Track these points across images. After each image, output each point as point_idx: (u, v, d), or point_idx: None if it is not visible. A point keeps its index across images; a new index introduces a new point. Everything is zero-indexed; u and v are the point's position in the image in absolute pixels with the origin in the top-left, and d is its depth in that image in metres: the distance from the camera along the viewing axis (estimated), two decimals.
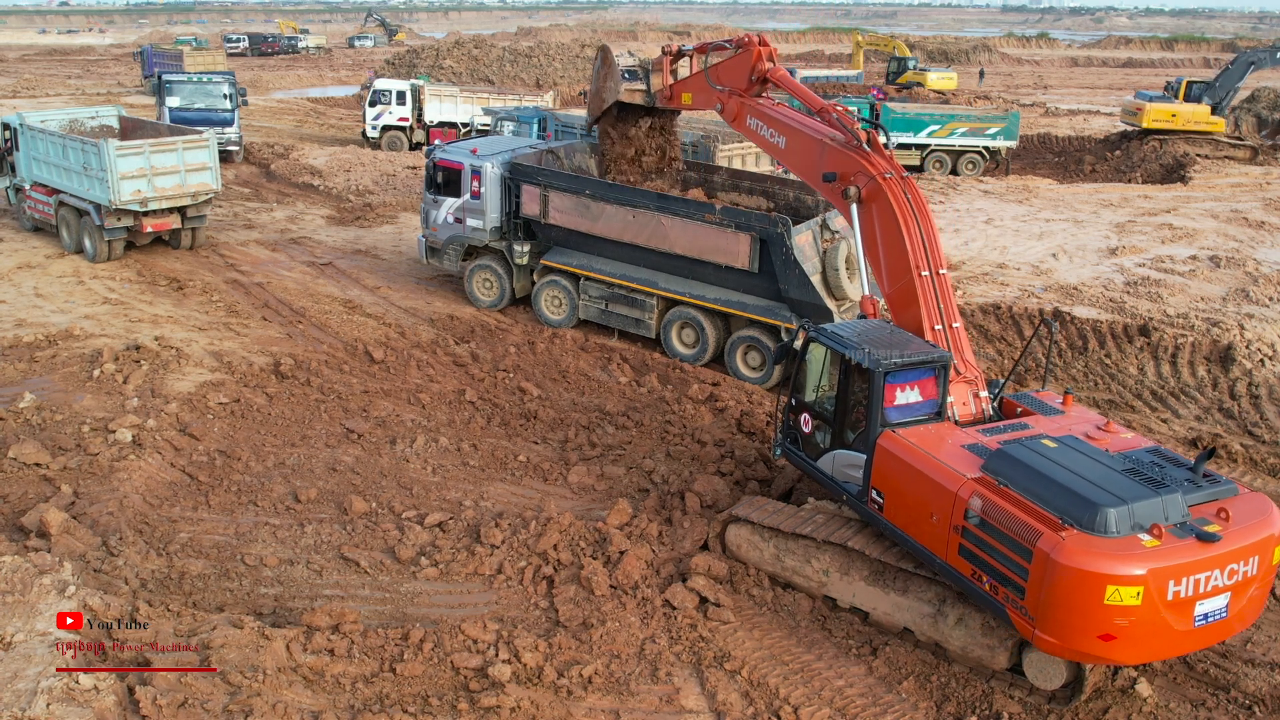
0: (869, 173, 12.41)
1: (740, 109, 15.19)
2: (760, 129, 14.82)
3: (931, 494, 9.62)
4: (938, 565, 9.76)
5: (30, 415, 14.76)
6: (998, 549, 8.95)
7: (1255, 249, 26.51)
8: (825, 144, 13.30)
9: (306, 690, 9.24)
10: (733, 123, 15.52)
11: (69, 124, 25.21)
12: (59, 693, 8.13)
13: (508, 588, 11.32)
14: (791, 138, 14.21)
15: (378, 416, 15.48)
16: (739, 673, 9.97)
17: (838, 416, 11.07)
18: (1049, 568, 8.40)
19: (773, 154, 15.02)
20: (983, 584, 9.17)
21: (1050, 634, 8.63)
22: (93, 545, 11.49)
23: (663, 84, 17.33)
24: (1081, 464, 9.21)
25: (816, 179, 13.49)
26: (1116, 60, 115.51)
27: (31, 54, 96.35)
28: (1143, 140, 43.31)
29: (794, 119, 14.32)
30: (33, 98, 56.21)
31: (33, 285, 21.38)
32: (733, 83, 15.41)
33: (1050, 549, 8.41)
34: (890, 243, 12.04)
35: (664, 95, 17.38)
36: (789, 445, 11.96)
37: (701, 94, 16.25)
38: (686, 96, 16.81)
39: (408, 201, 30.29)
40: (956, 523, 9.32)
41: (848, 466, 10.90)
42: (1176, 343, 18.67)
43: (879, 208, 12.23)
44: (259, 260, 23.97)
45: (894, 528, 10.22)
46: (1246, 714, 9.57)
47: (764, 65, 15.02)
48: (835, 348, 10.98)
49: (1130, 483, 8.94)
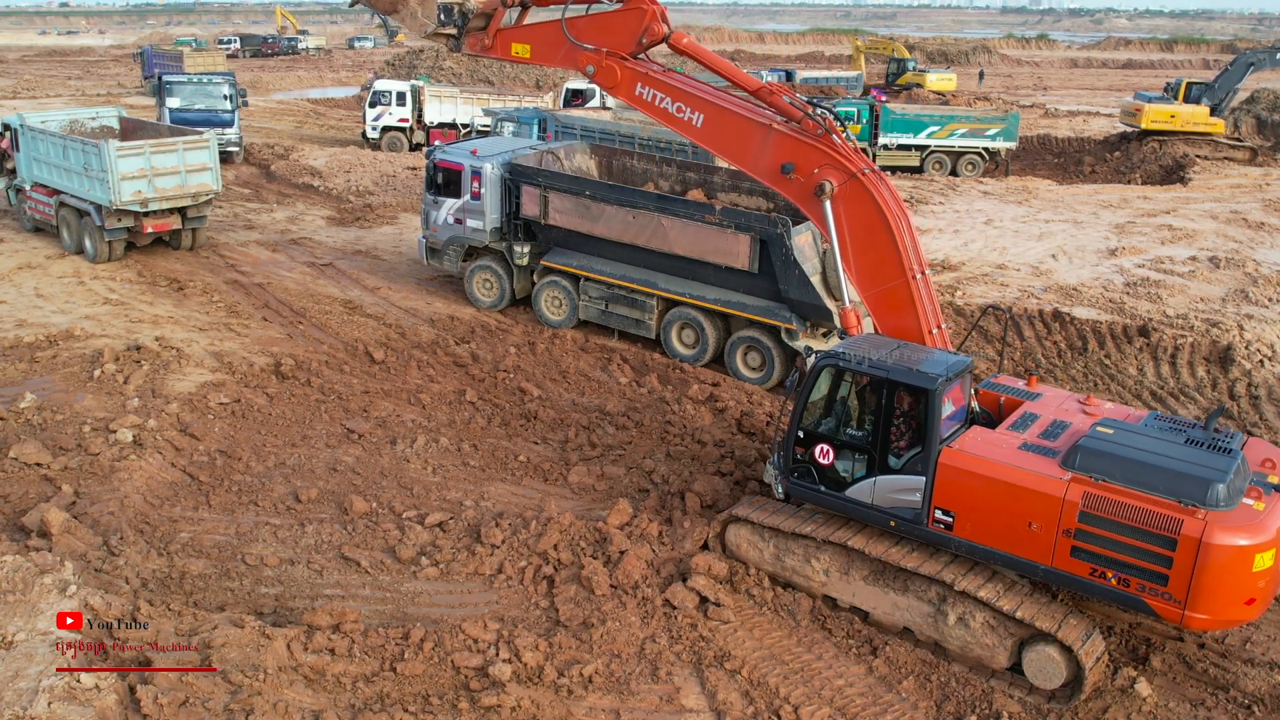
0: (844, 168, 11.62)
1: (628, 74, 13.27)
2: (660, 101, 13.07)
3: (1028, 503, 9.37)
4: (1041, 572, 9.56)
5: (31, 415, 14.77)
6: (1126, 543, 9.00)
7: (1255, 250, 26.52)
8: (771, 129, 12.13)
9: (307, 690, 9.26)
10: (612, 89, 13.57)
11: (69, 125, 25.22)
12: (60, 692, 8.14)
13: (508, 587, 11.33)
14: (715, 116, 12.69)
15: (378, 417, 15.49)
16: (739, 672, 9.99)
17: (877, 442, 10.44)
18: (1201, 550, 8.60)
19: (681, 131, 13.23)
20: (1107, 581, 9.18)
21: (1203, 611, 8.83)
22: (94, 545, 11.50)
23: (490, 31, 14.53)
24: (1154, 445, 9.46)
25: (761, 168, 12.38)
26: (1116, 61, 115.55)
27: (31, 55, 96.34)
28: (1142, 141, 43.35)
29: (716, 95, 12.93)
30: (33, 98, 56.21)
31: (33, 286, 21.39)
32: (609, 42, 13.30)
33: (1198, 532, 8.62)
34: (876, 244, 11.51)
35: (481, 42, 14.66)
36: (798, 482, 11.06)
37: (551, 49, 13.98)
38: (521, 48, 14.38)
39: (408, 202, 30.30)
40: (1067, 526, 9.20)
41: (897, 492, 10.32)
42: (1176, 343, 18.68)
43: (859, 207, 11.55)
44: (259, 261, 23.99)
45: (971, 544, 9.86)
46: (1245, 713, 9.59)
47: (659, 28, 12.88)
48: (872, 372, 10.34)
49: (1204, 454, 9.31)
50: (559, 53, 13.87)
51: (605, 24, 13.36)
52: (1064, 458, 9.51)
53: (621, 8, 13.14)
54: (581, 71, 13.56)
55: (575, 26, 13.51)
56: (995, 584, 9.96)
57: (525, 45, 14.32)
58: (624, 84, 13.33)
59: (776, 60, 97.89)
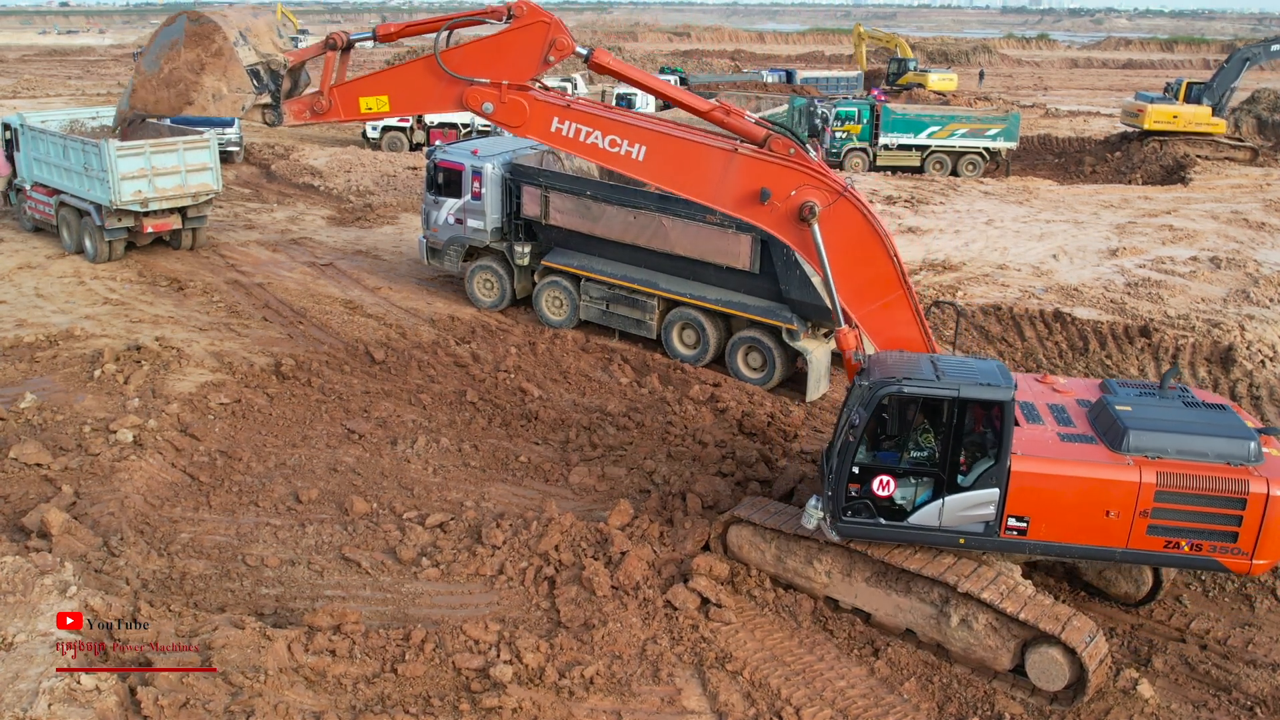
0: (828, 186, 10.71)
1: (540, 109, 11.26)
2: (587, 136, 11.23)
3: (1105, 493, 9.66)
4: (1119, 556, 9.92)
5: (31, 415, 14.75)
6: (1200, 512, 9.58)
7: (1255, 250, 26.50)
8: (735, 153, 10.85)
9: (308, 691, 9.24)
10: (519, 128, 11.54)
11: (69, 124, 25.19)
12: (60, 693, 8.12)
13: (509, 588, 11.31)
14: (661, 146, 11.08)
15: (379, 417, 15.47)
16: (741, 674, 9.97)
17: (945, 463, 10.03)
18: (1270, 503, 9.39)
19: (618, 168, 11.44)
20: (1181, 550, 9.76)
21: (1267, 556, 9.66)
22: (94, 545, 11.49)
23: (323, 88, 12.10)
24: (1175, 414, 10.18)
25: (726, 198, 11.05)
26: (1116, 61, 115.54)
27: (31, 54, 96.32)
28: (1143, 141, 43.33)
29: (657, 122, 11.50)
30: (33, 98, 56.21)
31: (33, 285, 21.37)
32: (505, 71, 11.28)
33: (1263, 488, 9.40)
34: (872, 260, 10.86)
35: (313, 106, 12.19)
36: (853, 521, 10.25)
37: (421, 93, 11.80)
38: (375, 101, 11.98)
39: (408, 202, 30.29)
40: (1144, 508, 9.63)
41: (969, 509, 9.96)
42: (1177, 344, 18.66)
43: (850, 224, 10.76)
44: (260, 261, 23.97)
45: (1047, 544, 9.94)
46: (1248, 715, 9.58)
47: (566, 40, 11.11)
48: (940, 392, 9.81)
49: (1210, 413, 10.23)
50: (432, 95, 11.69)
51: (497, 48, 11.35)
52: (1111, 443, 9.84)
53: (515, 25, 11.19)
54: (474, 111, 11.50)
55: (452, 59, 11.47)
56: (998, 586, 9.94)
57: (380, 97, 11.98)
58: (535, 120, 11.34)
59: (777, 60, 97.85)
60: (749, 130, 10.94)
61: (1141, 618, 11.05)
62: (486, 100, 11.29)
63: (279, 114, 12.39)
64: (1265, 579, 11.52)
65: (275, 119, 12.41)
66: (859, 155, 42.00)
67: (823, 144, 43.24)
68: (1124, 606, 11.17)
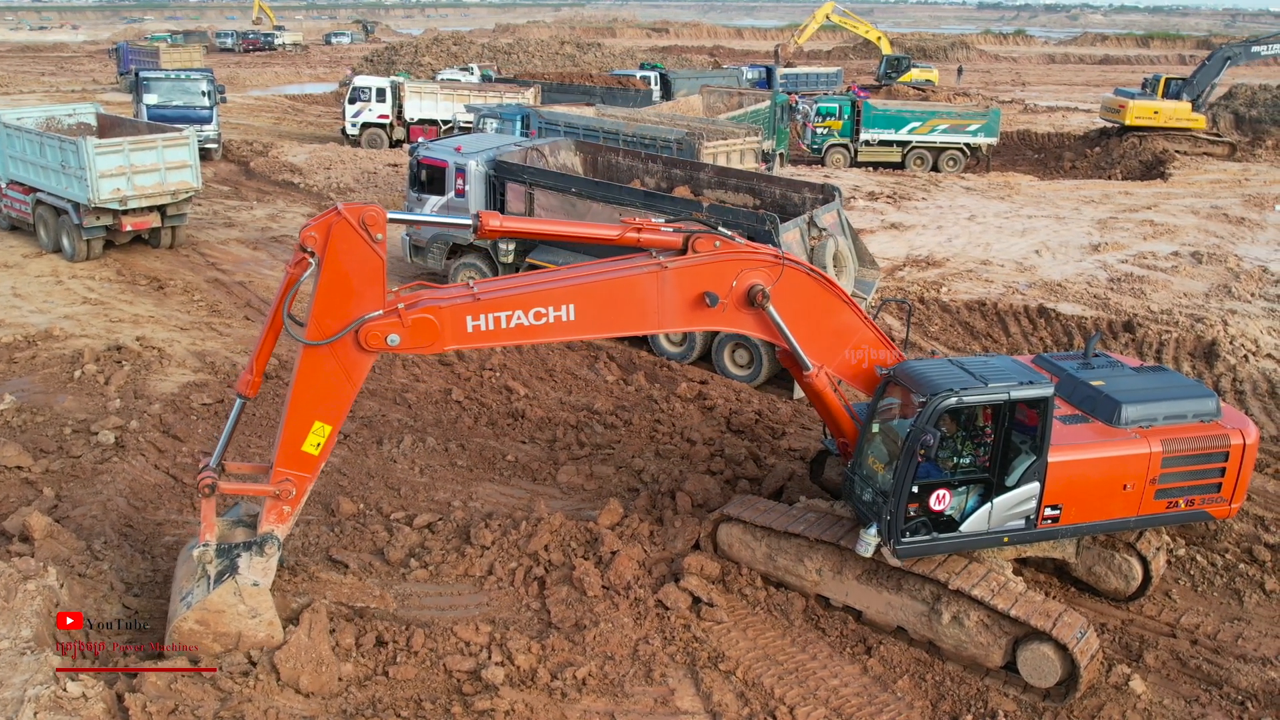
0: (764, 262, 10.20)
1: (451, 313, 9.41)
2: (511, 320, 9.56)
3: (1122, 469, 10.19)
4: (1132, 524, 10.55)
5: (10, 417, 14.54)
6: (1194, 470, 10.42)
7: (1235, 245, 26.72)
8: (664, 268, 9.91)
9: (298, 696, 9.13)
10: (431, 346, 9.49)
11: (46, 121, 24.89)
12: (46, 701, 7.98)
13: (499, 589, 11.22)
14: (589, 294, 9.85)
15: (363, 416, 15.33)
16: (734, 673, 9.93)
17: (995, 466, 9.98)
18: (1246, 452, 10.44)
19: (547, 338, 10.04)
20: (1179, 507, 10.55)
21: (1240, 499, 10.71)
22: (77, 549, 11.28)
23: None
24: (1141, 383, 10.91)
25: (668, 316, 10.16)
26: (1093, 57, 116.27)
27: (4, 51, 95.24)
28: (1122, 137, 43.61)
29: (572, 273, 10.23)
30: (6, 95, 55.57)
31: (10, 285, 21.09)
32: (365, 300, 9.11)
33: (1240, 439, 10.41)
34: (831, 314, 10.69)
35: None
36: (913, 540, 9.99)
37: (329, 394, 9.39)
38: (311, 439, 9.48)
39: (389, 199, 30.10)
40: (1154, 475, 10.26)
41: (1014, 507, 10.02)
42: (1161, 339, 18.77)
43: (801, 291, 10.42)
44: (240, 259, 23.75)
45: (1076, 526, 10.40)
46: (1239, 709, 9.61)
47: (370, 211, 8.91)
48: (990, 397, 9.64)
49: (1161, 376, 11.24)
50: (335, 380, 9.35)
51: (334, 282, 9.05)
52: (1107, 419, 10.36)
53: (328, 244, 8.93)
54: (378, 350, 9.33)
55: (315, 327, 9.13)
56: (989, 583, 9.95)
57: (313, 435, 9.50)
58: (450, 329, 9.42)
59: (755, 56, 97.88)
60: (667, 242, 10.08)
61: (1132, 613, 11.08)
62: (389, 333, 9.21)
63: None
64: (1253, 574, 11.59)
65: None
66: (840, 151, 42.08)
67: (803, 140, 43.31)
68: (1114, 602, 11.21)
